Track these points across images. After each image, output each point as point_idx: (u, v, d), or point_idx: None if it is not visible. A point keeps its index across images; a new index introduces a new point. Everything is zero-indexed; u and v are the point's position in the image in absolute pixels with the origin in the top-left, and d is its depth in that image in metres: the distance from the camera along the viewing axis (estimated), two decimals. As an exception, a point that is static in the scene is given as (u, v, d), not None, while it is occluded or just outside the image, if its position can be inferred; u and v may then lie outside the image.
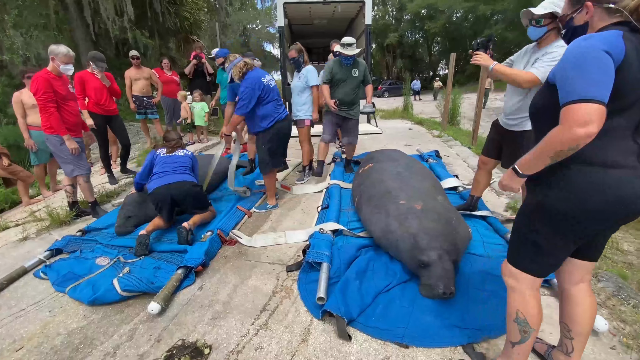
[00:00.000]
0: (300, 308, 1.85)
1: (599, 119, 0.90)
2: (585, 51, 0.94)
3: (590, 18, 1.07)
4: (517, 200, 3.09)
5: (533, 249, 1.14)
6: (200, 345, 1.62)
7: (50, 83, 2.80)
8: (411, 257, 1.94)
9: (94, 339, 1.71)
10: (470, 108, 11.67)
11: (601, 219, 1.03)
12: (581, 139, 0.92)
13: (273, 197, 3.30)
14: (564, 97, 0.96)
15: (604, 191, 0.99)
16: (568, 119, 0.93)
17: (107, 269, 2.26)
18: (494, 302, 1.77)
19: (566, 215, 1.05)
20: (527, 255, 1.17)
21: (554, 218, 1.07)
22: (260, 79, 2.89)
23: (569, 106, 0.94)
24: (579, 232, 1.07)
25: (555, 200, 1.06)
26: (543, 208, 1.09)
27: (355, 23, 9.05)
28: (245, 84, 2.88)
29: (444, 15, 27.38)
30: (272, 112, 2.99)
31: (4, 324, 1.87)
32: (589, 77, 0.91)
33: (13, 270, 2.32)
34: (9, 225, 3.27)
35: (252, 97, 2.85)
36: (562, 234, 1.08)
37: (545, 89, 1.10)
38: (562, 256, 1.15)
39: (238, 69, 2.91)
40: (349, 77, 3.64)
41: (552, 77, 1.05)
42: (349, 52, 3.47)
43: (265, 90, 2.92)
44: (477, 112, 5.24)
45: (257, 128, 3.04)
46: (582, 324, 1.26)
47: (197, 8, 9.83)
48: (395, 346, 1.57)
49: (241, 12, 30.67)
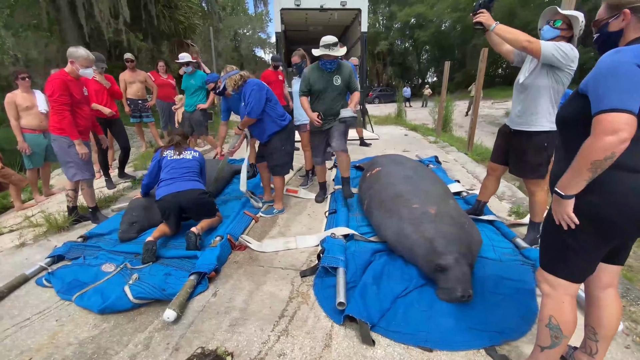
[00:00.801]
0: (320, 313, 1.83)
1: (629, 126, 0.93)
2: (617, 64, 0.98)
3: (625, 26, 1.10)
4: (519, 205, 3.16)
5: (568, 254, 1.16)
6: (221, 352, 1.58)
7: (67, 85, 2.75)
8: (428, 261, 1.95)
9: (108, 349, 1.65)
10: (459, 115, 11.95)
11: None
12: (614, 146, 0.95)
13: (281, 200, 3.26)
14: (595, 107, 0.99)
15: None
16: (598, 128, 0.97)
17: (114, 276, 2.20)
18: (510, 305, 1.80)
19: (605, 220, 1.06)
20: (562, 261, 1.18)
21: (593, 223, 1.08)
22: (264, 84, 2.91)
23: (599, 116, 0.97)
24: (616, 236, 1.09)
25: (594, 205, 1.07)
26: (581, 213, 1.09)
27: (350, 30, 9.17)
28: (249, 87, 2.86)
29: (433, 24, 28.07)
30: (283, 112, 2.99)
31: (7, 335, 1.78)
32: (619, 89, 0.95)
33: (13, 278, 2.22)
34: (3, 230, 3.14)
35: (261, 98, 2.83)
36: (600, 239, 1.10)
37: (576, 98, 1.13)
38: (597, 261, 1.17)
39: (233, 81, 2.90)
40: (329, 85, 3.03)
41: (584, 87, 1.07)
42: (336, 54, 2.89)
43: (269, 92, 2.94)
44: (473, 119, 5.36)
45: (272, 129, 2.99)
46: (609, 327, 1.29)
47: (192, 12, 9.78)
48: (419, 350, 1.58)
49: (232, 17, 30.65)
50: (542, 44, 1.94)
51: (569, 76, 2.03)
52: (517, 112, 2.27)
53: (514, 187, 3.73)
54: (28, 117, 3.60)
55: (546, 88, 2.09)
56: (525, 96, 2.18)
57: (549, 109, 2.13)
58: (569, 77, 2.04)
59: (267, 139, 3.07)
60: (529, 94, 2.16)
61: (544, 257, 1.25)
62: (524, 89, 2.19)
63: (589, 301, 1.34)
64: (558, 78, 2.05)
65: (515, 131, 2.31)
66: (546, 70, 2.06)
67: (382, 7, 32.25)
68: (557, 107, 2.15)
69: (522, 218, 2.91)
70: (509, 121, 2.37)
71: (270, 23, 37.52)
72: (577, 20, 1.96)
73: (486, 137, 6.52)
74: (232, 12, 31.60)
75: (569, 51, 1.94)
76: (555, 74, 2.04)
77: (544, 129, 2.15)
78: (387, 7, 31.71)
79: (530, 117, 2.18)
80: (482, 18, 2.11)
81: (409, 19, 29.12)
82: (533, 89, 2.13)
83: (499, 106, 16.67)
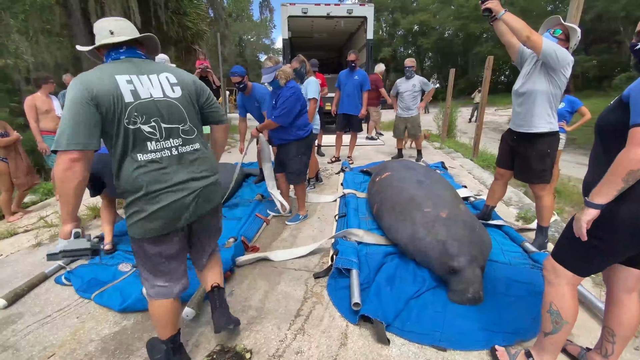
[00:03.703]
0: (334, 313, 1.87)
1: None
2: None
3: None
4: (527, 210, 3.20)
5: (589, 252, 1.18)
6: (240, 350, 1.62)
7: None
8: (441, 264, 1.99)
9: (130, 345, 1.70)
10: (463, 121, 12.01)
11: None
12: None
13: (304, 206, 3.22)
14: (634, 119, 1.03)
15: None
16: (635, 140, 1.01)
17: (130, 275, 2.25)
18: (522, 307, 1.84)
19: (635, 226, 1.08)
20: (580, 257, 1.22)
21: (621, 228, 1.10)
22: (301, 91, 2.83)
23: (635, 128, 1.01)
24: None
25: (627, 211, 1.08)
26: (612, 217, 1.10)
27: (355, 37, 9.29)
28: (288, 91, 2.77)
29: (436, 32, 28.29)
30: (306, 122, 2.96)
31: (30, 331, 1.83)
32: None
33: (33, 276, 2.28)
34: (18, 230, 3.21)
35: (295, 107, 2.78)
36: (630, 245, 1.12)
37: (618, 106, 1.15)
38: (613, 262, 1.21)
39: (287, 74, 2.77)
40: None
41: (627, 96, 1.09)
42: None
43: (303, 104, 2.90)
44: (479, 124, 5.41)
45: (291, 136, 2.91)
46: (628, 330, 1.32)
47: (200, 18, 9.95)
48: (433, 350, 1.61)
49: (237, 23, 31.04)
50: (543, 39, 2.00)
51: (564, 79, 2.10)
52: (517, 116, 2.34)
53: (520, 193, 3.77)
54: (46, 120, 3.70)
55: (543, 92, 2.16)
56: (524, 100, 2.26)
57: (548, 110, 2.20)
58: (564, 80, 2.11)
59: (282, 142, 3.00)
60: (528, 98, 2.23)
61: (560, 248, 1.29)
62: (521, 95, 2.27)
63: (611, 302, 1.36)
64: (554, 82, 2.12)
65: (517, 136, 2.36)
66: (542, 74, 2.13)
67: (385, 15, 32.57)
68: (556, 110, 2.23)
69: (529, 223, 2.95)
70: (512, 124, 2.42)
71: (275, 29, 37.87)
72: (575, 33, 2.06)
73: (491, 143, 6.57)
74: (237, 18, 32.04)
75: (566, 55, 2.02)
76: (550, 77, 2.11)
77: (543, 131, 2.21)
78: (391, 15, 32.01)
79: (530, 119, 2.24)
80: (491, 4, 2.12)
81: (412, 27, 29.38)
82: (531, 93, 2.21)
83: (502, 113, 16.74)
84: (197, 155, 1.41)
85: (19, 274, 2.39)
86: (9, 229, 3.19)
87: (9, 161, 3.34)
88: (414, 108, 5.05)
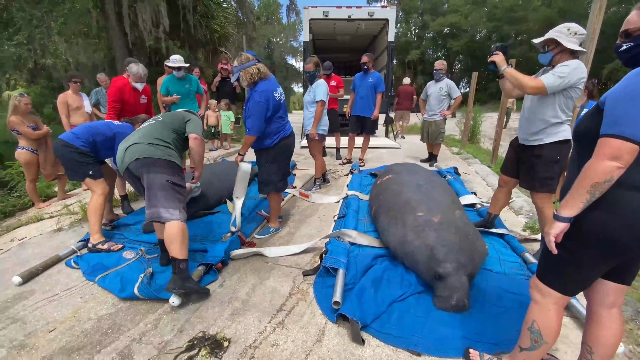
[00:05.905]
0: (316, 311, 1.90)
1: (629, 156, 0.94)
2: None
3: None
4: (535, 220, 3.06)
5: (568, 268, 1.14)
6: (219, 338, 1.69)
7: (122, 91, 3.23)
8: (427, 269, 1.97)
9: (122, 326, 1.82)
10: (491, 127, 11.55)
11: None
12: (613, 171, 0.95)
13: (276, 219, 2.95)
14: (605, 128, 0.98)
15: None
16: (601, 151, 0.97)
17: (132, 262, 2.39)
18: (511, 318, 1.77)
19: (611, 237, 1.03)
20: (559, 274, 1.17)
21: (598, 239, 1.05)
22: (273, 93, 2.55)
23: (605, 138, 0.97)
24: (619, 254, 1.06)
25: (602, 221, 1.03)
26: (588, 229, 1.06)
27: (377, 40, 9.25)
28: (256, 97, 2.49)
29: (467, 34, 27.43)
30: (276, 129, 2.65)
31: (38, 307, 2.00)
32: (634, 116, 0.93)
33: (48, 258, 2.48)
34: (44, 216, 3.49)
35: (260, 112, 2.50)
36: (602, 256, 1.07)
37: (595, 112, 1.10)
38: (594, 277, 1.15)
39: (249, 75, 2.49)
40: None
41: (603, 102, 1.05)
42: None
43: (275, 108, 2.58)
44: (498, 130, 5.22)
45: (258, 145, 2.70)
46: (607, 348, 1.24)
47: (227, 22, 10.31)
48: (407, 353, 1.60)
49: (266, 26, 31.73)
50: (544, 81, 1.97)
51: (578, 91, 2.02)
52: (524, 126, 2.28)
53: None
54: (75, 116, 4.01)
55: (552, 103, 2.10)
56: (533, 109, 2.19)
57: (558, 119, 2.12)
58: (578, 91, 2.03)
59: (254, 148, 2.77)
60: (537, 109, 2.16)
61: (541, 267, 1.24)
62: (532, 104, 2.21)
63: (590, 318, 1.29)
64: (567, 93, 2.04)
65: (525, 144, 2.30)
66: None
67: (414, 17, 32.04)
68: (569, 117, 2.14)
69: (536, 234, 2.82)
70: (520, 134, 2.35)
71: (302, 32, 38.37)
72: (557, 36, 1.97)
73: (513, 150, 6.32)
74: (267, 21, 32.76)
75: (570, 71, 1.94)
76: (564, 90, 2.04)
77: (553, 140, 2.13)
78: (420, 17, 31.45)
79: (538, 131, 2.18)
80: (496, 58, 2.24)
81: (442, 29, 28.67)
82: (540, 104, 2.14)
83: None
84: None
85: (37, 255, 2.62)
86: (37, 215, 3.49)
87: (39, 153, 3.65)
88: (438, 113, 4.97)
